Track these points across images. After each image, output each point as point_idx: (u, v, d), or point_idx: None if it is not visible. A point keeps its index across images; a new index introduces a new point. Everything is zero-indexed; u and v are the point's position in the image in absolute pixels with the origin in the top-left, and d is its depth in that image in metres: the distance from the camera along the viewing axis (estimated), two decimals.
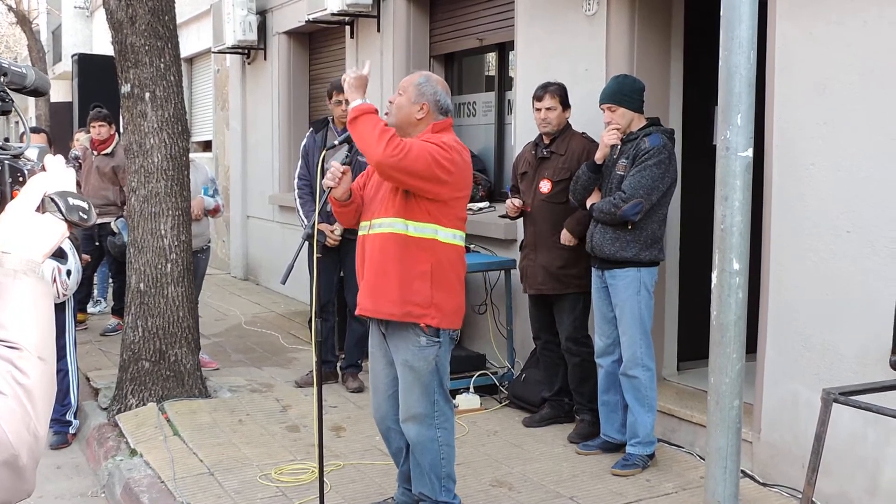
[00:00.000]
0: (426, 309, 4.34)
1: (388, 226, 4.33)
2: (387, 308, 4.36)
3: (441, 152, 4.23)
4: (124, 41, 6.54)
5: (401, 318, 4.35)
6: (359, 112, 4.23)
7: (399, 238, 4.32)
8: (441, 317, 4.37)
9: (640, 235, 5.39)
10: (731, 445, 2.86)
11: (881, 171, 4.45)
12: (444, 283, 4.38)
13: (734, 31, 2.74)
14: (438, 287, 4.35)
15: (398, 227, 4.31)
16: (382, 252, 4.35)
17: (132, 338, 6.68)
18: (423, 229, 4.32)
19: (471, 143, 8.24)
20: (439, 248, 4.36)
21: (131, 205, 6.70)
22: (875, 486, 4.59)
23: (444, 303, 4.37)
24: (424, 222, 4.31)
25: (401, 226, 4.31)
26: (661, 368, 6.29)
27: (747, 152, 2.77)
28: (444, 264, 4.38)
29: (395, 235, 4.32)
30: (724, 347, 2.83)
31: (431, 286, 4.33)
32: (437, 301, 4.35)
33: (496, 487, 5.22)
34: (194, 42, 14.42)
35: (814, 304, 4.88)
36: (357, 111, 4.24)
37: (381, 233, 4.35)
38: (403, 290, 4.31)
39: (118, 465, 5.65)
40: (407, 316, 4.34)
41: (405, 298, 4.32)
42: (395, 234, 4.32)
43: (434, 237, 4.34)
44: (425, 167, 4.18)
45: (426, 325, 4.34)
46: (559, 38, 6.76)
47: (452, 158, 4.28)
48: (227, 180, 13.68)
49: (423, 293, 4.32)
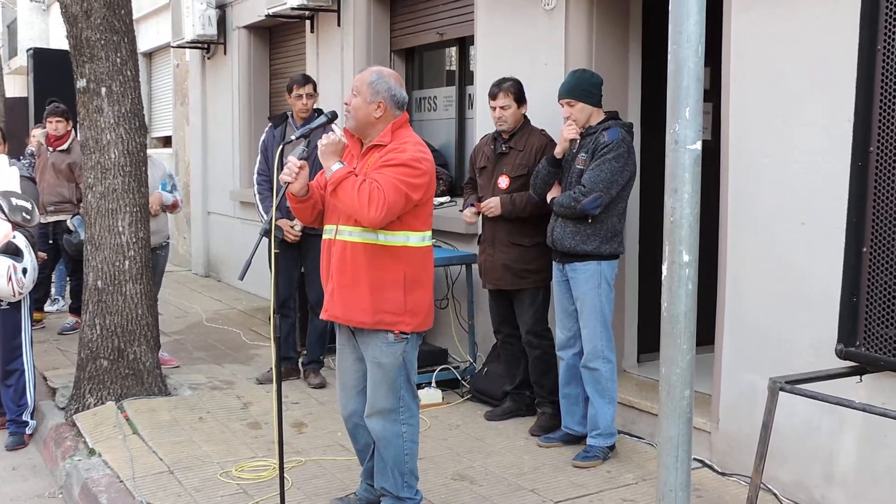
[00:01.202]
0: (400, 316, 4.33)
1: (357, 235, 4.29)
2: (358, 317, 4.34)
3: (411, 174, 4.21)
4: (79, 35, 6.47)
5: (373, 326, 4.34)
6: (336, 182, 4.15)
7: (369, 247, 4.29)
8: (415, 322, 4.38)
9: (601, 229, 5.41)
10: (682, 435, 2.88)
11: (834, 164, 4.49)
12: (417, 287, 4.37)
13: (682, 26, 2.75)
14: (412, 292, 4.34)
15: (368, 236, 4.27)
16: (353, 260, 4.31)
17: (90, 336, 6.62)
18: (394, 237, 4.29)
19: (431, 138, 8.25)
20: (411, 254, 4.35)
21: (88, 201, 6.64)
22: (830, 473, 4.64)
23: (417, 307, 4.37)
24: (395, 230, 4.29)
25: (370, 234, 4.27)
26: (621, 361, 6.33)
27: (696, 145, 2.78)
28: (416, 268, 4.37)
29: (365, 245, 4.29)
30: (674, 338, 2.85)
31: (405, 293, 4.32)
32: (411, 307, 4.35)
33: (458, 481, 5.23)
34: (153, 36, 14.32)
35: (770, 296, 4.93)
36: (335, 182, 4.16)
37: (351, 241, 4.32)
38: (375, 299, 4.29)
39: (76, 465, 5.60)
40: (379, 324, 4.33)
41: (377, 307, 4.30)
42: (365, 243, 4.29)
43: (405, 244, 4.32)
44: (404, 203, 4.18)
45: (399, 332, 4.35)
46: (518, 32, 6.78)
47: (422, 171, 4.26)
48: (187, 176, 13.61)
49: (397, 301, 4.32)
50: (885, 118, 3.34)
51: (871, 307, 3.45)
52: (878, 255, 3.41)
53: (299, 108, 7.08)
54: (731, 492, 5.01)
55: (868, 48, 3.39)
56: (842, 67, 4.39)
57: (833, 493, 4.64)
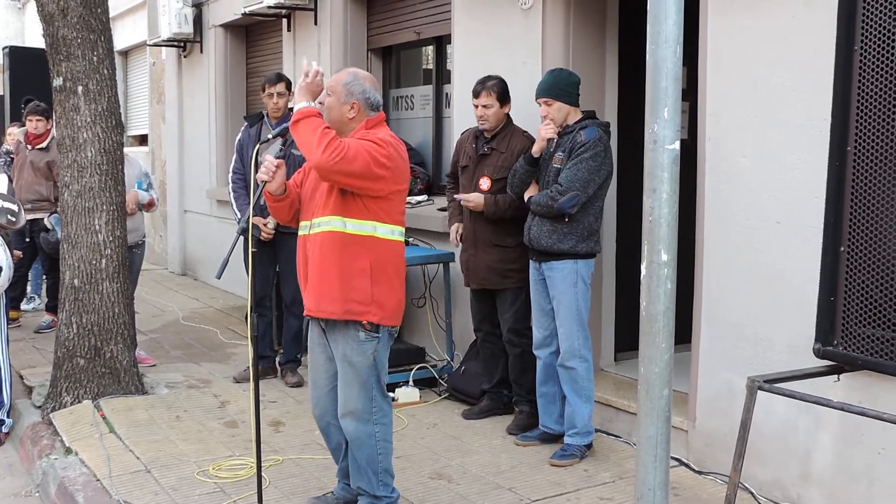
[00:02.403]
0: (367, 306, 4.34)
1: (325, 224, 4.31)
2: (328, 307, 4.35)
3: (377, 149, 4.23)
4: (56, 34, 6.44)
5: (341, 316, 4.34)
6: (301, 116, 4.21)
7: (337, 236, 4.30)
8: (382, 314, 4.38)
9: (577, 228, 5.43)
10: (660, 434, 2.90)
11: (810, 164, 4.53)
12: (384, 280, 4.37)
13: (661, 26, 2.77)
14: (378, 283, 4.35)
15: (336, 224, 4.29)
16: (321, 251, 4.33)
17: (66, 335, 6.59)
18: (361, 226, 4.31)
19: (409, 137, 8.25)
20: (378, 245, 4.35)
21: (64, 200, 6.61)
22: (807, 472, 4.67)
23: (384, 300, 4.37)
24: (363, 219, 4.30)
25: (338, 223, 4.29)
26: (598, 359, 6.35)
27: (674, 145, 2.80)
28: (384, 261, 4.37)
29: (333, 234, 4.30)
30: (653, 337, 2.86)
31: (371, 283, 4.33)
32: (378, 298, 4.35)
33: (435, 480, 5.23)
34: (129, 34, 14.24)
35: (746, 295, 4.95)
36: (299, 114, 4.22)
37: (321, 232, 4.34)
38: (344, 288, 4.30)
39: (52, 463, 5.57)
40: (347, 314, 4.33)
41: (346, 297, 4.31)
42: (333, 232, 4.30)
43: (373, 234, 4.33)
44: (363, 166, 4.17)
45: (367, 322, 4.34)
46: (496, 31, 6.79)
47: (389, 154, 4.27)
48: (163, 174, 13.55)
49: (364, 290, 4.32)
50: (862, 118, 3.37)
51: (848, 306, 3.48)
52: (856, 255, 3.44)
53: (272, 108, 7.07)
54: (707, 490, 5.04)
55: (845, 48, 3.42)
56: (818, 67, 4.42)
57: (810, 492, 4.66)
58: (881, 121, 3.31)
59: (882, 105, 3.31)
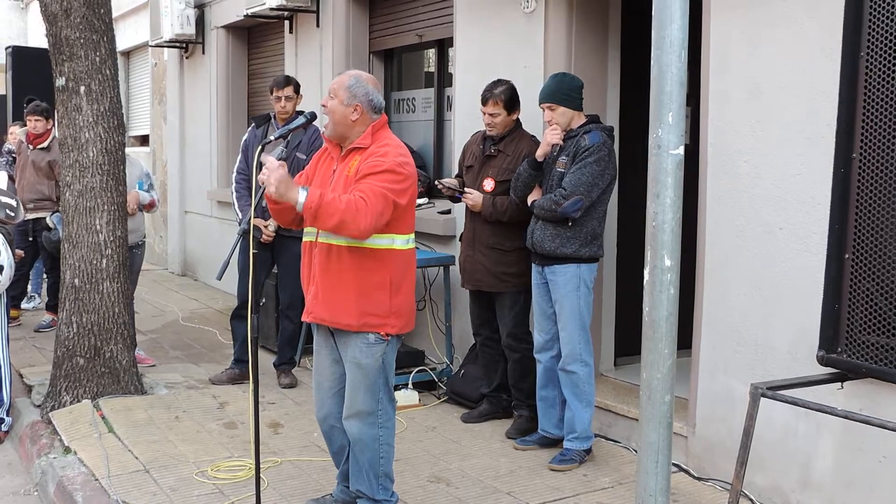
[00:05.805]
0: (385, 318, 4.33)
1: (342, 238, 4.24)
2: (345, 319, 4.32)
3: (395, 180, 4.20)
4: (59, 34, 6.45)
5: (358, 328, 4.32)
6: (313, 210, 4.02)
7: (354, 250, 4.27)
8: (399, 324, 4.38)
9: (580, 232, 5.42)
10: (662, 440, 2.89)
11: (812, 170, 4.52)
12: (402, 289, 4.38)
13: (665, 31, 2.76)
14: (397, 294, 4.34)
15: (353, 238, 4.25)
16: (338, 263, 4.29)
17: (66, 334, 6.59)
18: (379, 240, 4.27)
19: (410, 140, 8.24)
20: (395, 257, 4.34)
21: (66, 199, 6.61)
22: (807, 479, 4.67)
23: (401, 309, 4.37)
24: (381, 234, 4.25)
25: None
26: (598, 364, 6.33)
27: (678, 150, 2.79)
28: (401, 271, 4.37)
29: (350, 247, 4.27)
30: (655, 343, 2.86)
31: (391, 296, 4.32)
32: (396, 309, 4.35)
33: (434, 483, 5.23)
34: (131, 35, 14.24)
35: (747, 301, 4.95)
36: (310, 210, 4.02)
37: (336, 244, 4.28)
38: (362, 302, 4.28)
39: (51, 462, 5.56)
40: (365, 326, 4.32)
41: (363, 310, 4.29)
42: (350, 245, 4.27)
43: (391, 247, 4.31)
44: (392, 209, 4.17)
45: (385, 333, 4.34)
46: (498, 34, 6.78)
47: (405, 175, 4.25)
48: (164, 175, 13.54)
49: (383, 304, 4.31)
50: (868, 125, 3.36)
51: (852, 314, 3.47)
52: (860, 262, 3.43)
53: (279, 111, 7.06)
54: (707, 496, 5.03)
55: (851, 55, 3.40)
56: (822, 73, 4.42)
57: (809, 499, 4.65)
58: (887, 128, 3.30)
59: (888, 112, 3.29)
